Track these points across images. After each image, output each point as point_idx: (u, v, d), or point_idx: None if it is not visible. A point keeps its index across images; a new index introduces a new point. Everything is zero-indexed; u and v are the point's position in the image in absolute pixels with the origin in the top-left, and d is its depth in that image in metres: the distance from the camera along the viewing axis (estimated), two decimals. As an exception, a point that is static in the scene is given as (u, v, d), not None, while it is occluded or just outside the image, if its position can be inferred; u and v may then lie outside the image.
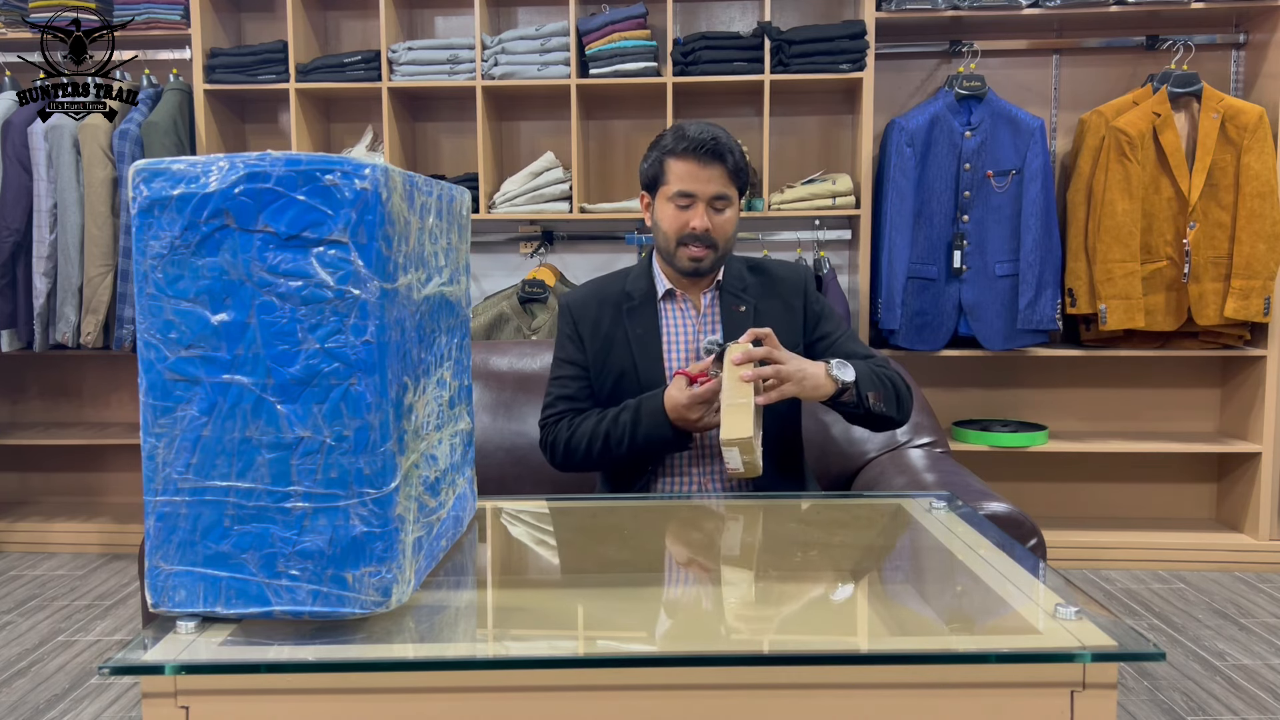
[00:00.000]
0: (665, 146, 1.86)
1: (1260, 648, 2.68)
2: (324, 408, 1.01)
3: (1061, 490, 3.66)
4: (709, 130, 1.84)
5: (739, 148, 1.88)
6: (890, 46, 3.49)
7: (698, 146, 1.81)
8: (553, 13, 3.57)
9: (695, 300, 1.94)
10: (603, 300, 1.96)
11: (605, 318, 1.94)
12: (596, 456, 1.86)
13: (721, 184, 1.83)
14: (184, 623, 1.04)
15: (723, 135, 1.85)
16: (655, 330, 1.91)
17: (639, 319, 1.93)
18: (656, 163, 1.87)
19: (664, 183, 1.86)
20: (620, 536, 1.56)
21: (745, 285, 1.94)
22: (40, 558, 3.57)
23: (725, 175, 1.83)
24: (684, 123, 1.88)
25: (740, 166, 1.86)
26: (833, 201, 3.34)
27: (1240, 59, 3.46)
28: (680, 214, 1.84)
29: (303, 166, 0.99)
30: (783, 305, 1.93)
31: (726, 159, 1.83)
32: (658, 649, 1.09)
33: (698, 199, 1.83)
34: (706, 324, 1.93)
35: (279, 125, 3.73)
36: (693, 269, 1.87)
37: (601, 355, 1.93)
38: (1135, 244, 3.22)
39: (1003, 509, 1.67)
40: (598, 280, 2.04)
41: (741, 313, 1.90)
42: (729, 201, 1.85)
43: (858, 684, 1.00)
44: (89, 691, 2.44)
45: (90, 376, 3.90)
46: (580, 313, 1.96)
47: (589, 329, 1.95)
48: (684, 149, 1.83)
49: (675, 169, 1.84)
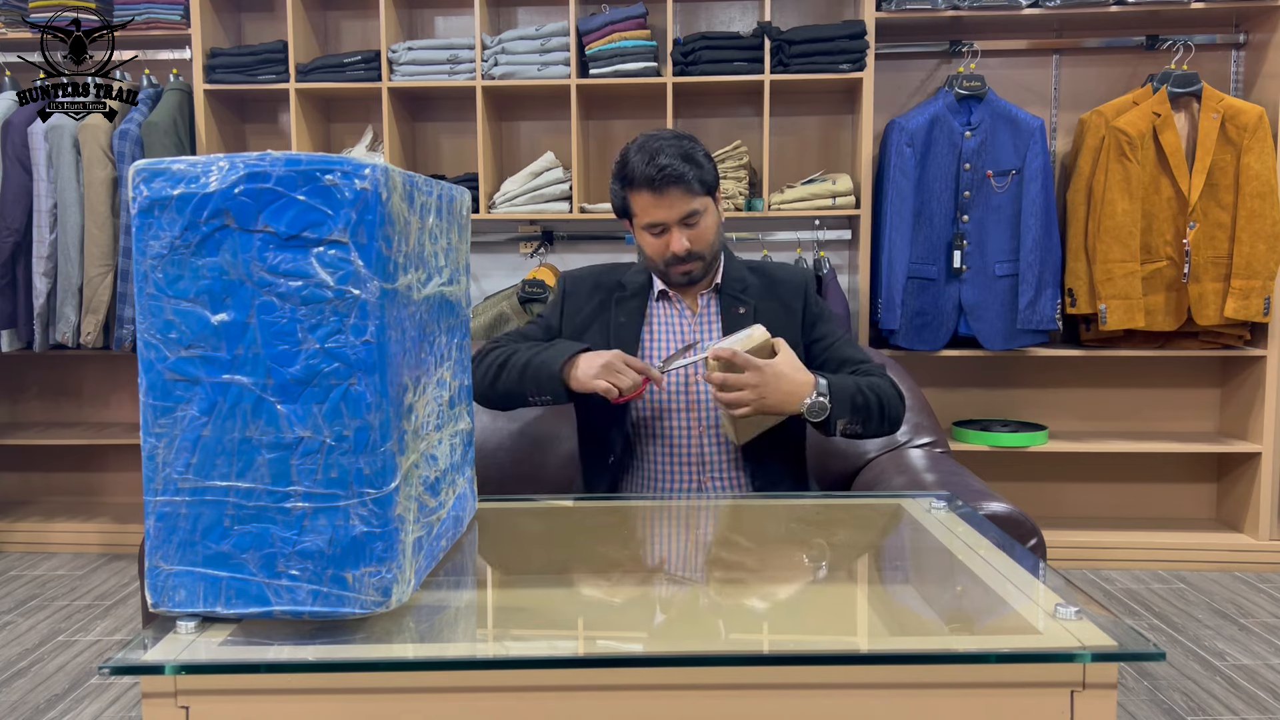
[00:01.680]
0: (625, 178, 1.83)
1: (1260, 648, 2.68)
2: (324, 408, 1.01)
3: (1061, 490, 3.66)
4: (656, 158, 1.78)
5: (697, 150, 1.83)
6: (890, 46, 3.49)
7: (648, 181, 1.79)
8: (553, 13, 3.57)
9: (690, 302, 1.95)
10: (597, 285, 1.99)
11: (593, 302, 1.97)
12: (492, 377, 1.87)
13: (685, 203, 1.81)
14: (184, 623, 1.04)
15: (671, 157, 1.78)
16: (637, 324, 1.93)
17: (625, 309, 1.94)
18: (618, 196, 1.88)
19: (633, 213, 1.87)
20: (620, 536, 1.56)
21: (746, 286, 1.94)
22: (40, 558, 3.57)
23: (686, 194, 1.80)
24: (632, 148, 1.83)
25: (703, 176, 1.81)
26: (833, 201, 3.34)
27: (1240, 59, 3.45)
28: (657, 241, 1.85)
29: (303, 166, 0.99)
30: (782, 307, 1.93)
31: (682, 179, 1.78)
32: (658, 649, 1.09)
33: (668, 224, 1.83)
34: (704, 324, 1.93)
35: (279, 125, 3.73)
36: (686, 282, 1.90)
37: (576, 334, 1.96)
38: (1135, 244, 3.22)
39: (1003, 509, 1.67)
40: (602, 266, 2.06)
41: (741, 314, 1.91)
42: (701, 213, 1.83)
43: (858, 684, 1.00)
44: (89, 691, 2.44)
45: (90, 376, 3.90)
46: (573, 288, 2.01)
47: (574, 306, 1.99)
48: (636, 183, 1.81)
49: (638, 201, 1.83)
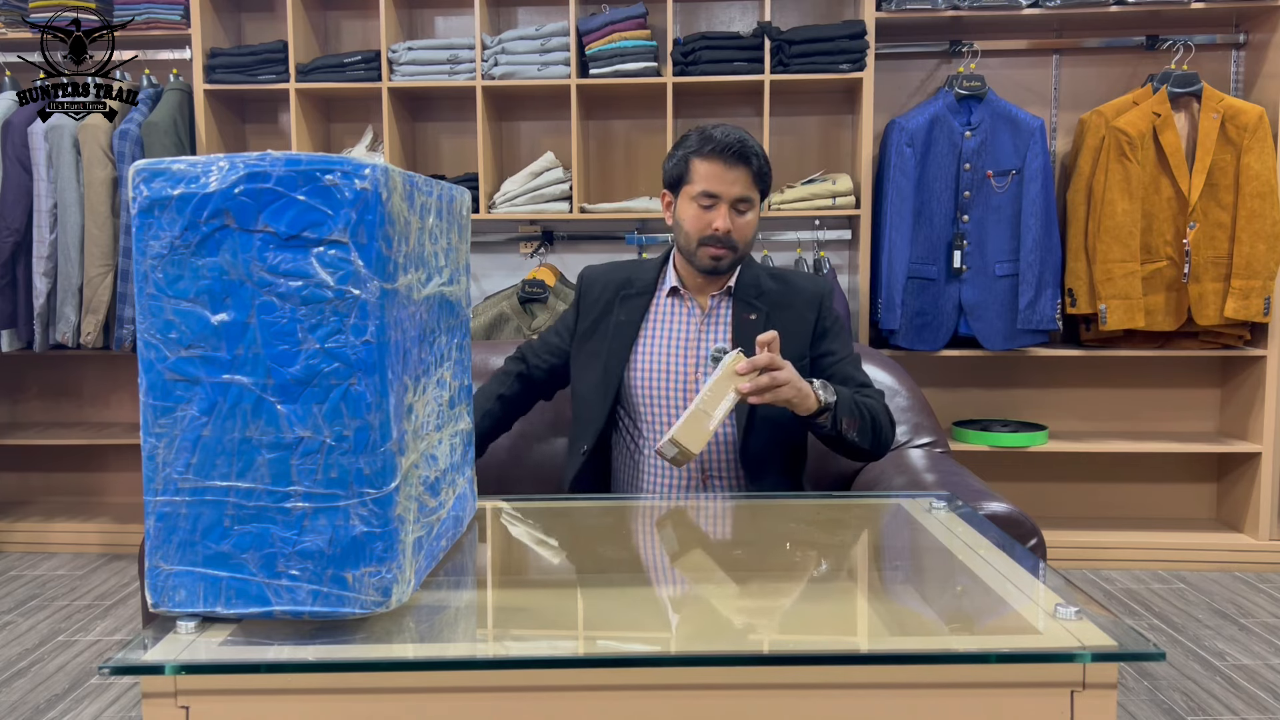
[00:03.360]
0: (691, 146, 1.87)
1: (1260, 648, 2.68)
2: (324, 408, 1.01)
3: (1061, 490, 3.66)
4: (736, 133, 1.85)
5: (764, 153, 1.89)
6: (890, 46, 3.49)
7: (724, 148, 1.82)
8: (553, 13, 3.57)
9: (702, 302, 1.94)
10: (608, 282, 2.01)
11: (604, 299, 1.99)
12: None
13: (745, 187, 1.85)
14: (184, 623, 1.04)
15: (749, 139, 1.86)
16: (638, 321, 1.94)
17: (627, 307, 1.96)
18: (682, 161, 1.88)
19: (688, 182, 1.87)
20: (620, 537, 1.56)
21: (761, 292, 1.94)
22: (40, 558, 3.57)
23: (750, 178, 1.85)
24: (711, 125, 1.89)
25: (764, 171, 1.87)
26: (833, 201, 3.34)
27: (1240, 59, 3.45)
28: (703, 214, 1.85)
29: (303, 166, 0.99)
30: (795, 315, 1.93)
31: (752, 162, 1.84)
32: (658, 649, 1.09)
33: (721, 200, 1.84)
34: (712, 327, 1.93)
35: (279, 125, 3.73)
36: (711, 267, 1.88)
37: (588, 334, 1.98)
38: (1135, 244, 3.22)
39: (1003, 509, 1.67)
40: (619, 263, 2.08)
41: (752, 320, 1.90)
42: (751, 205, 1.87)
43: (858, 684, 1.00)
44: (89, 691, 2.44)
45: (90, 376, 3.90)
46: (589, 284, 2.03)
47: (588, 305, 2.01)
48: (710, 150, 1.84)
49: (700, 169, 1.85)
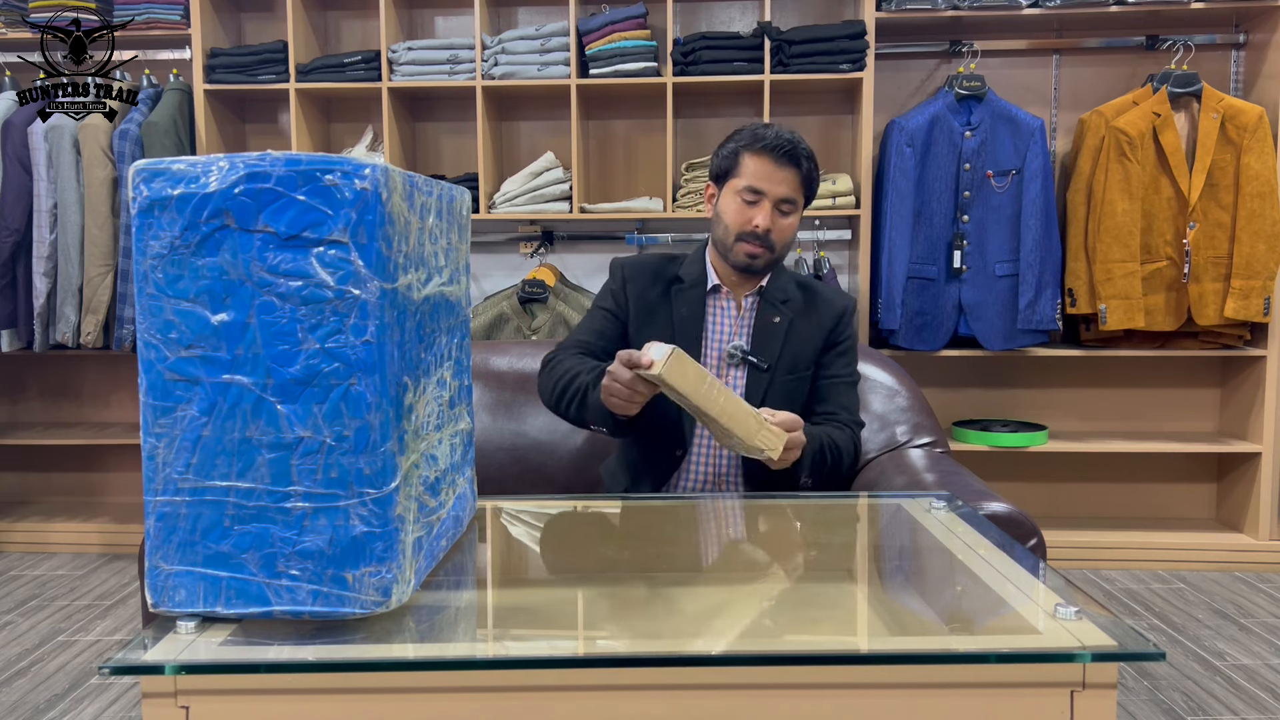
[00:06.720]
0: (743, 140, 1.87)
1: (1260, 648, 2.68)
2: (324, 408, 1.01)
3: (1061, 490, 3.66)
4: (789, 134, 1.85)
5: (815, 159, 1.89)
6: (890, 46, 3.49)
7: (776, 146, 1.83)
8: (553, 13, 3.57)
9: (738, 300, 1.95)
10: (656, 274, 1.98)
11: (655, 290, 1.96)
12: (554, 401, 1.87)
13: (792, 188, 1.85)
14: (184, 623, 1.04)
15: (802, 142, 1.86)
16: (699, 317, 1.93)
17: (685, 302, 1.94)
18: (731, 155, 1.88)
19: (735, 175, 1.87)
20: (620, 536, 1.56)
21: (788, 298, 1.94)
22: (40, 558, 3.57)
23: (797, 180, 1.85)
24: (765, 123, 1.88)
25: (813, 176, 1.88)
26: (833, 201, 3.34)
27: (1240, 59, 3.45)
28: (746, 209, 1.85)
29: (303, 166, 0.99)
30: (815, 324, 1.94)
31: (802, 164, 1.84)
32: (658, 649, 1.08)
33: (765, 197, 1.84)
34: (742, 325, 1.94)
35: (279, 125, 3.73)
36: (746, 265, 1.88)
37: (640, 321, 1.95)
38: (1135, 244, 3.22)
39: (1003, 509, 1.67)
40: (653, 255, 2.05)
41: (776, 324, 1.91)
42: (795, 207, 1.87)
43: (858, 684, 1.00)
44: (89, 691, 2.44)
45: (90, 376, 3.90)
46: (632, 274, 1.99)
47: (636, 292, 1.97)
48: (762, 146, 1.84)
49: (749, 164, 1.85)
